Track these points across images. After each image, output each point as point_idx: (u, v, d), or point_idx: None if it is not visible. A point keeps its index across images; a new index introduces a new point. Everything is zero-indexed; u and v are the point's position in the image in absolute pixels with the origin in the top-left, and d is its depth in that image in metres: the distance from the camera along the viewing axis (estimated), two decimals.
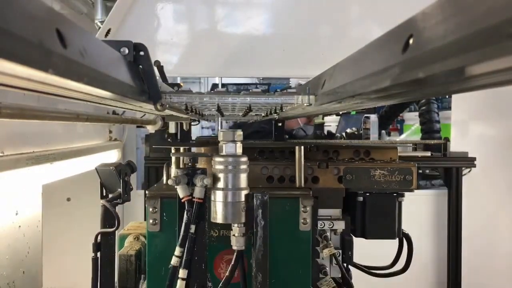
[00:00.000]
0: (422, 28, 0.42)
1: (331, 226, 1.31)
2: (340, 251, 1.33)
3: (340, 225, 1.31)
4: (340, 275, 1.34)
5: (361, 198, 1.31)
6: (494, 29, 0.31)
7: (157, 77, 1.07)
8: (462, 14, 0.35)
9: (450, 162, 2.80)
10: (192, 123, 2.74)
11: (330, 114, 4.12)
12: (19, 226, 1.47)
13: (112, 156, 2.56)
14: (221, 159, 1.06)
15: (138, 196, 2.85)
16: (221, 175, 1.06)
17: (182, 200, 1.07)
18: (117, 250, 1.35)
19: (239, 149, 1.08)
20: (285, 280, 1.21)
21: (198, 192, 1.06)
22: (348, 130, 3.78)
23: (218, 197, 1.07)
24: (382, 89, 0.55)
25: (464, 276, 2.78)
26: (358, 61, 0.69)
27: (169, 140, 2.73)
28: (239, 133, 1.08)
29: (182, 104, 1.11)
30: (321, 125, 4.41)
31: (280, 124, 2.82)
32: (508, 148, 2.84)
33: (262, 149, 1.42)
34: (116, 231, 1.32)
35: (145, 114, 2.36)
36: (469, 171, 2.81)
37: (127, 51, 0.88)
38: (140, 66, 0.90)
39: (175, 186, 1.07)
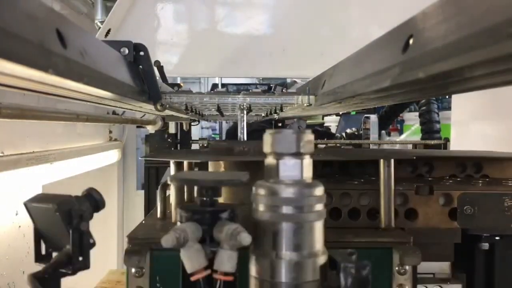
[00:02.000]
0: (422, 28, 0.42)
1: None
2: None
3: None
4: None
5: (486, 245, 0.82)
6: (494, 29, 0.31)
7: (157, 77, 1.07)
8: (462, 14, 0.35)
9: None
10: (192, 123, 2.74)
11: (330, 114, 4.12)
12: (19, 226, 1.47)
13: (112, 156, 2.56)
14: (273, 191, 0.53)
15: (138, 196, 2.85)
16: (273, 227, 0.53)
17: (193, 278, 0.54)
18: None
19: (308, 170, 0.55)
20: None
21: (225, 262, 0.53)
22: (348, 130, 3.78)
23: (266, 272, 0.53)
24: (382, 89, 0.55)
25: None
26: (358, 61, 0.69)
27: (169, 140, 2.73)
28: (309, 137, 0.54)
29: (182, 104, 1.11)
30: (321, 125, 4.41)
31: (280, 124, 2.82)
32: (508, 148, 2.84)
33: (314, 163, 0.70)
34: None
35: (145, 114, 2.36)
36: None
37: (127, 51, 0.88)
38: (140, 66, 0.90)
39: (176, 248, 0.54)
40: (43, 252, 0.68)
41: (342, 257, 0.53)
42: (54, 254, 0.67)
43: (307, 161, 0.54)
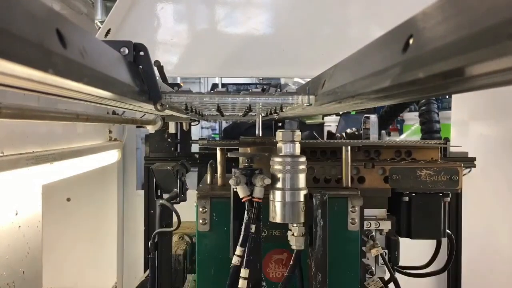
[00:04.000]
0: (422, 28, 0.42)
1: (377, 226, 1.33)
2: (386, 251, 1.35)
3: (386, 225, 1.33)
4: (385, 275, 1.36)
5: (406, 198, 1.31)
6: (494, 29, 0.31)
7: (157, 77, 1.07)
8: (462, 14, 0.35)
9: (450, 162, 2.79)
10: (192, 123, 2.74)
11: (330, 114, 4.12)
12: (19, 226, 1.47)
13: (112, 156, 2.56)
14: (280, 159, 1.07)
15: (138, 196, 2.85)
16: (280, 175, 1.07)
17: (243, 200, 1.07)
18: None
19: (297, 149, 1.09)
20: (334, 280, 1.17)
21: (258, 192, 1.07)
22: (348, 130, 3.78)
23: (277, 197, 1.07)
24: (382, 89, 0.56)
25: (464, 276, 2.77)
26: (358, 61, 0.69)
27: (169, 140, 2.73)
28: (298, 133, 1.09)
29: (182, 104, 1.11)
30: (321, 125, 4.40)
31: (280, 124, 2.82)
32: (508, 148, 2.84)
33: (303, 149, 1.35)
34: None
35: (145, 114, 2.36)
36: (469, 171, 2.81)
37: (127, 51, 0.88)
38: (140, 66, 0.90)
39: (234, 186, 1.08)
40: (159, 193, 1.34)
41: (316, 192, 1.09)
42: (164, 195, 1.35)
43: (297, 145, 1.09)
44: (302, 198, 1.07)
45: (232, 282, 1.06)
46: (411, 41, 0.45)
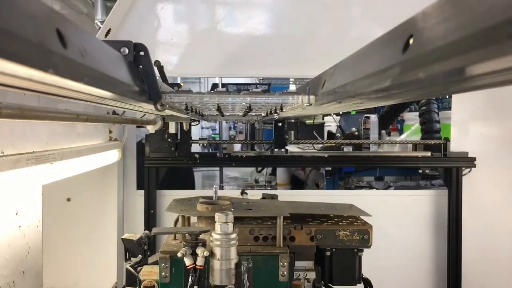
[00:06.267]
0: (422, 28, 0.42)
1: (305, 276, 1.58)
2: None
3: (312, 275, 1.58)
4: None
5: (328, 253, 1.57)
6: (494, 29, 0.31)
7: (157, 77, 1.07)
8: (462, 14, 0.35)
9: (450, 162, 2.79)
10: (192, 123, 2.74)
11: (330, 114, 4.12)
12: (19, 226, 1.47)
13: (112, 156, 2.56)
14: (217, 237, 1.33)
15: (138, 196, 2.85)
16: (217, 249, 1.33)
17: (188, 267, 1.35)
18: None
19: (230, 228, 1.34)
20: None
21: (199, 261, 1.35)
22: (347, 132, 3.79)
23: (215, 266, 1.34)
24: (382, 89, 0.56)
25: (464, 276, 2.77)
26: (358, 61, 0.69)
27: (169, 140, 2.73)
28: (231, 216, 1.35)
29: (182, 104, 1.12)
30: (321, 125, 4.41)
31: (280, 124, 2.82)
32: (508, 148, 2.84)
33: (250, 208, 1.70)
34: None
35: (145, 114, 2.36)
36: (469, 171, 2.81)
37: (127, 51, 0.88)
38: (140, 66, 0.90)
39: (183, 257, 1.35)
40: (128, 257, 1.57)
41: (243, 261, 1.43)
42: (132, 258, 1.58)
43: (230, 225, 1.35)
44: (233, 266, 1.35)
45: None
46: (411, 41, 0.45)
